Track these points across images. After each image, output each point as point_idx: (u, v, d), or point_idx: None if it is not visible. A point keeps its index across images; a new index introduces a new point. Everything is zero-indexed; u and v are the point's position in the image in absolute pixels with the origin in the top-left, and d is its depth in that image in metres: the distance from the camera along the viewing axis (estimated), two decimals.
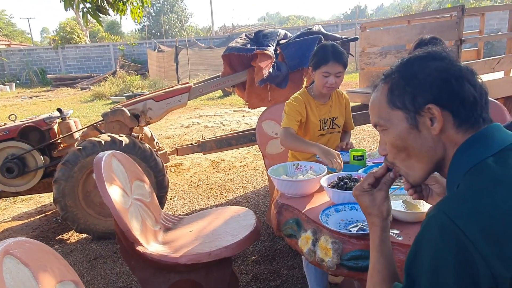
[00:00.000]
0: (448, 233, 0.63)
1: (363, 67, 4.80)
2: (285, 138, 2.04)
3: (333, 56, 1.98)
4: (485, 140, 0.73)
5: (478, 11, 4.39)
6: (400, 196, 1.38)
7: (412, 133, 0.81)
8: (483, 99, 0.76)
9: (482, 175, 0.70)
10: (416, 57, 0.82)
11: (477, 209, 0.64)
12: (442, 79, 0.76)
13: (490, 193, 0.65)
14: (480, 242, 0.60)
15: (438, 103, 0.76)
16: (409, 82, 0.79)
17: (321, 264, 1.28)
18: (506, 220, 0.61)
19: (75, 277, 1.21)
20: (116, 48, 19.87)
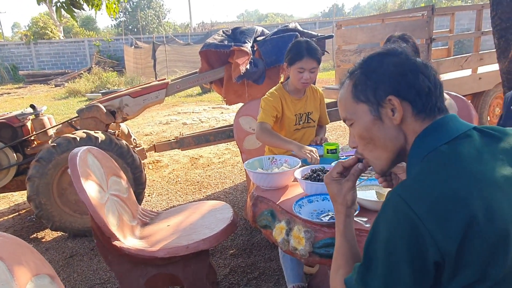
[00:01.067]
0: (401, 212, 0.70)
1: (339, 64, 4.90)
2: (261, 133, 2.08)
3: (307, 52, 2.04)
4: (440, 129, 0.80)
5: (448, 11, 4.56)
6: (372, 187, 1.44)
7: (376, 124, 0.87)
8: (437, 90, 0.82)
9: (434, 161, 0.76)
10: (375, 54, 0.88)
11: (425, 191, 0.70)
12: (398, 72, 0.82)
13: (438, 177, 0.72)
14: (427, 220, 0.67)
15: (397, 94, 0.82)
16: (370, 77, 0.85)
17: (295, 253, 1.33)
18: (449, 200, 0.68)
19: (50, 271, 1.21)
20: (91, 44, 19.40)
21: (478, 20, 4.13)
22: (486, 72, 4.31)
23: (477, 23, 4.16)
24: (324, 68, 14.24)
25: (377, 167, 0.95)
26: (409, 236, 0.68)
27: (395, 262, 0.70)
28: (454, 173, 0.71)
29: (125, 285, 1.83)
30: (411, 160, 0.83)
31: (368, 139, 0.90)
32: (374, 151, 0.91)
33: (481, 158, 0.72)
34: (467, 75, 4.25)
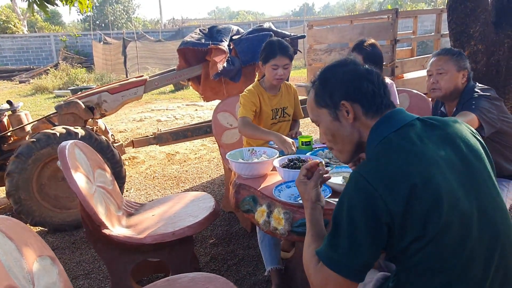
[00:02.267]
0: (360, 184, 0.89)
1: (311, 63, 5.11)
2: (243, 127, 2.22)
3: (280, 50, 2.22)
4: (388, 121, 0.99)
5: (411, 14, 4.86)
6: (341, 173, 1.62)
7: (335, 124, 1.07)
8: (381, 90, 1.02)
9: (384, 146, 0.96)
10: (329, 65, 1.09)
11: (378, 168, 0.90)
12: (347, 80, 1.03)
13: (387, 157, 0.92)
14: (380, 188, 0.86)
15: (348, 98, 1.03)
16: (325, 85, 1.06)
17: (275, 232, 1.49)
18: (396, 173, 0.87)
19: (51, 253, 1.31)
20: (57, 39, 18.77)
21: (438, 23, 4.45)
22: None
23: (437, 25, 4.48)
24: (296, 66, 14.53)
25: (341, 158, 1.15)
26: (366, 202, 0.87)
27: (356, 225, 0.88)
28: (399, 153, 0.90)
29: (113, 271, 1.92)
30: (368, 148, 1.03)
31: (331, 136, 1.10)
32: (337, 145, 1.11)
33: (421, 142, 0.92)
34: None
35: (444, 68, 1.95)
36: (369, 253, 0.88)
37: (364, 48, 2.29)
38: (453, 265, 0.86)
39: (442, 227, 0.84)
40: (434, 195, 0.84)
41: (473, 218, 0.87)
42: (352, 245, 0.89)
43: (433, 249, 0.86)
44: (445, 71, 1.95)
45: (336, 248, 0.92)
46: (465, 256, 0.86)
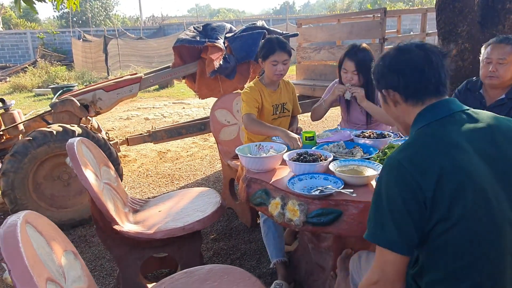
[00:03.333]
0: (395, 168, 0.98)
1: (300, 61, 5.19)
2: (250, 123, 2.27)
3: (279, 46, 2.28)
4: (432, 110, 1.08)
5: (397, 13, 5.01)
6: (351, 166, 1.69)
7: (385, 106, 1.22)
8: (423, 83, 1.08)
9: (421, 132, 1.05)
10: (383, 54, 1.18)
11: (412, 152, 1.00)
12: (387, 70, 1.13)
13: (421, 142, 1.02)
14: (413, 170, 0.95)
15: (387, 87, 1.13)
16: (374, 76, 1.20)
17: (289, 224, 1.54)
18: (426, 157, 0.96)
19: (73, 248, 1.32)
20: (34, 36, 18.22)
21: (423, 22, 4.60)
22: None
23: (422, 25, 4.62)
24: None
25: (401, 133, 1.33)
26: (401, 183, 0.95)
27: (395, 203, 0.95)
28: (432, 140, 1.00)
29: (124, 267, 1.93)
30: (411, 132, 1.12)
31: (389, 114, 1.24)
32: (395, 122, 1.25)
33: (457, 131, 1.00)
34: None
35: (506, 58, 2.02)
36: (413, 229, 0.95)
37: (355, 54, 2.34)
38: (474, 250, 0.93)
39: (467, 211, 0.91)
40: (461, 180, 0.92)
41: (501, 207, 0.94)
42: (396, 221, 0.96)
43: (456, 233, 0.93)
44: (507, 61, 2.03)
45: (382, 226, 0.98)
46: (487, 243, 0.93)
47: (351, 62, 2.35)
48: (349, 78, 2.37)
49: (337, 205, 1.47)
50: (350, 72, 2.35)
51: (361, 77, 2.36)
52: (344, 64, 2.38)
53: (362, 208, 1.43)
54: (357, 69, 2.33)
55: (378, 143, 1.99)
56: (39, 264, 0.96)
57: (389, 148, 1.81)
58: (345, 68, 2.38)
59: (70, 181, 3.01)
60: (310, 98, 4.46)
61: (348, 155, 1.89)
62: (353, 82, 2.36)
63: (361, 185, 1.56)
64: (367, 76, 2.32)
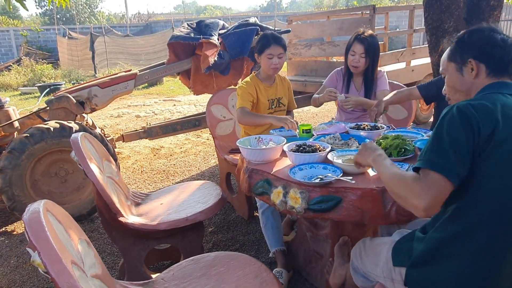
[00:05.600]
0: (462, 107, 1.11)
1: (291, 57, 5.26)
2: (242, 116, 2.34)
3: (274, 40, 2.36)
4: (504, 85, 1.21)
5: (386, 10, 5.13)
6: (349, 156, 1.77)
7: (458, 75, 1.29)
8: (509, 57, 1.21)
9: (486, 95, 1.19)
10: (469, 30, 1.28)
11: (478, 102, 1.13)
12: (480, 44, 1.24)
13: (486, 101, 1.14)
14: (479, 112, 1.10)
15: (477, 58, 1.24)
16: (460, 45, 1.28)
17: (291, 211, 1.61)
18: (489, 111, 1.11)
19: (86, 237, 1.37)
20: (17, 34, 17.87)
21: (410, 18, 4.72)
22: (418, 64, 4.95)
23: (410, 21, 4.75)
24: None
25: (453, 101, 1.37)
26: (466, 122, 1.08)
27: (455, 135, 1.08)
28: (496, 101, 1.14)
29: (128, 259, 1.98)
30: (477, 95, 1.24)
31: (451, 87, 1.34)
32: (455, 95, 1.34)
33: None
34: (402, 68, 4.84)
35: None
36: (468, 159, 1.08)
37: (365, 39, 2.44)
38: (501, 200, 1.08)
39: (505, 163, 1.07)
40: (506, 136, 1.08)
41: None
42: (455, 149, 1.08)
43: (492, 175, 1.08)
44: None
45: (440, 154, 1.09)
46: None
47: (361, 45, 2.46)
48: (356, 61, 2.49)
49: (337, 192, 1.55)
50: (358, 55, 2.47)
51: (367, 60, 2.48)
52: (353, 47, 2.48)
53: (361, 194, 1.51)
54: (366, 52, 2.45)
55: (372, 135, 2.08)
56: (63, 248, 1.01)
57: (383, 139, 1.89)
58: (353, 50, 2.48)
59: (67, 178, 3.03)
60: (302, 94, 4.54)
61: (344, 146, 1.97)
62: (359, 65, 2.49)
63: (358, 174, 1.65)
64: (373, 59, 2.50)
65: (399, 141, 1.81)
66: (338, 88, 2.69)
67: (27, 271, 2.48)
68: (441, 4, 3.09)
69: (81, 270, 1.07)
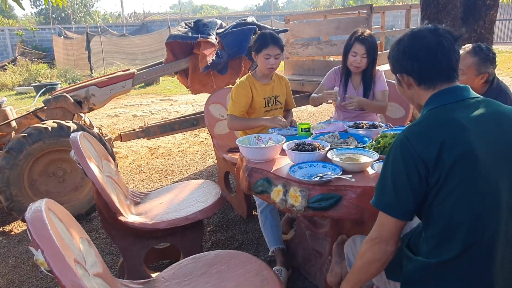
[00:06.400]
0: (401, 142, 1.10)
1: (288, 57, 5.26)
2: (232, 124, 2.45)
3: (272, 41, 2.37)
4: (444, 94, 1.15)
5: (382, 9, 5.14)
6: (347, 154, 1.78)
7: (400, 88, 1.30)
8: (443, 66, 1.15)
9: (430, 113, 1.15)
10: (394, 43, 1.25)
11: (418, 129, 1.11)
12: (401, 56, 1.20)
13: (428, 120, 1.12)
14: (416, 145, 1.06)
15: (404, 72, 1.22)
16: (390, 61, 1.28)
17: (291, 209, 1.62)
18: (430, 133, 1.07)
19: (87, 236, 1.37)
20: (12, 33, 17.76)
21: (407, 18, 4.74)
22: None
23: (406, 21, 4.76)
24: None
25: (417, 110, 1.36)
26: (405, 156, 1.07)
27: (398, 174, 1.08)
28: (439, 120, 1.10)
29: (128, 258, 1.98)
30: (422, 112, 1.21)
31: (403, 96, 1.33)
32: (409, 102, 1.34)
33: (463, 114, 1.09)
34: None
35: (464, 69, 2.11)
36: (411, 197, 1.08)
37: (366, 39, 2.45)
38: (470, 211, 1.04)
39: (464, 179, 1.02)
40: (459, 153, 1.02)
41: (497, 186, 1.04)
42: (396, 189, 1.09)
43: (454, 198, 1.04)
44: (464, 73, 2.12)
45: (383, 192, 1.12)
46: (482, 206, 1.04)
47: (362, 46, 2.46)
48: (358, 61, 2.49)
49: (336, 190, 1.56)
50: (360, 55, 2.47)
51: (368, 60, 2.50)
52: (354, 48, 2.48)
53: (360, 192, 1.52)
54: (367, 52, 2.46)
55: (371, 133, 2.09)
56: (66, 246, 1.01)
57: (382, 137, 1.91)
58: (355, 51, 2.48)
59: (65, 177, 3.02)
60: (299, 93, 4.54)
61: (343, 144, 1.98)
62: (361, 65, 2.50)
63: (358, 172, 1.66)
64: (373, 59, 2.52)
65: None
66: (338, 87, 2.70)
67: (25, 271, 2.47)
68: (438, 4, 3.11)
69: (83, 269, 1.07)
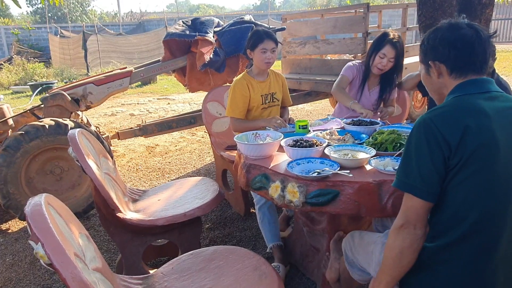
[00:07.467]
0: (425, 123, 1.11)
1: (285, 55, 5.28)
2: (235, 127, 2.50)
3: (266, 35, 2.39)
4: (471, 84, 1.18)
5: (379, 8, 5.17)
6: (346, 150, 1.79)
7: (426, 77, 1.30)
8: (472, 58, 1.17)
9: (455, 100, 1.17)
10: (430, 31, 1.27)
11: (442, 112, 1.12)
12: (438, 43, 1.22)
13: (452, 106, 1.14)
14: (440, 126, 1.08)
15: (437, 59, 1.22)
16: (422, 48, 1.29)
17: (289, 205, 1.63)
18: (454, 117, 1.09)
19: (85, 231, 1.37)
20: (8, 32, 17.66)
21: (403, 17, 4.76)
22: (411, 62, 4.98)
23: (403, 19, 4.78)
24: None
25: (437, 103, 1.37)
26: (429, 136, 1.08)
27: (422, 153, 1.09)
28: (464, 106, 1.13)
29: (126, 254, 1.99)
30: (446, 99, 1.23)
31: (426, 85, 1.34)
32: (431, 93, 1.35)
33: (488, 104, 1.12)
34: None
35: None
36: (435, 177, 1.09)
37: (397, 43, 2.43)
38: (480, 203, 1.06)
39: (482, 167, 1.04)
40: (481, 140, 1.05)
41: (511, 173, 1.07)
42: (420, 169, 1.09)
43: (469, 184, 1.06)
44: None
45: (408, 173, 1.12)
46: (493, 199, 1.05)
47: (393, 50, 2.44)
48: (384, 64, 2.47)
49: (334, 185, 1.57)
50: (388, 59, 2.46)
51: (393, 64, 2.49)
52: (385, 50, 2.44)
53: (358, 187, 1.53)
54: (395, 57, 2.45)
55: (368, 130, 2.11)
56: (66, 240, 1.01)
57: (379, 134, 1.92)
58: (384, 53, 2.44)
59: (62, 175, 3.02)
60: (297, 92, 4.57)
61: (340, 141, 1.99)
62: (385, 68, 2.49)
63: (355, 167, 1.67)
64: (398, 63, 2.50)
65: (395, 135, 1.83)
66: (354, 84, 2.70)
67: (23, 269, 2.46)
68: (434, 2, 3.13)
69: (83, 263, 1.08)
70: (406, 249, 1.11)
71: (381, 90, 2.68)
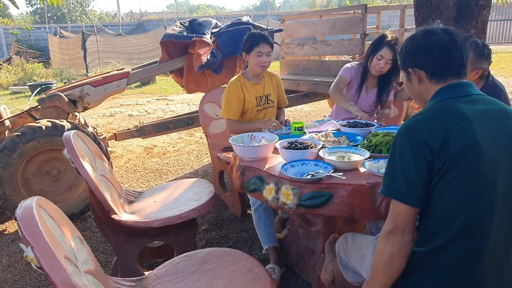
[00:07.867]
0: (408, 130, 1.13)
1: (283, 56, 5.28)
2: (231, 129, 2.50)
3: (262, 39, 2.39)
4: (451, 89, 1.19)
5: (377, 10, 5.17)
6: (338, 153, 1.80)
7: (408, 84, 1.32)
8: (449, 62, 1.19)
9: (436, 104, 1.18)
10: (407, 39, 1.28)
11: (424, 118, 1.14)
12: (415, 50, 1.23)
13: (433, 111, 1.16)
14: (423, 132, 1.09)
15: (416, 66, 1.24)
16: (401, 56, 1.31)
17: (283, 207, 1.63)
18: (435, 122, 1.11)
19: (79, 234, 1.37)
20: (7, 32, 17.67)
21: (402, 18, 4.76)
22: None
23: (401, 20, 4.78)
24: None
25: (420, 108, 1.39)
26: (413, 142, 1.10)
27: (406, 159, 1.10)
28: (445, 111, 1.14)
29: (121, 256, 1.99)
30: (428, 104, 1.24)
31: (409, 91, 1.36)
32: (416, 100, 1.36)
33: (469, 107, 1.13)
34: None
35: None
36: (420, 182, 1.09)
37: (395, 44, 2.44)
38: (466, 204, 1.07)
39: (465, 170, 1.05)
40: (463, 144, 1.06)
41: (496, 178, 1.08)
42: (405, 175, 1.10)
43: (454, 186, 1.07)
44: None
45: (394, 180, 1.13)
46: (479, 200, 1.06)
47: (391, 52, 2.45)
48: (381, 65, 2.48)
49: (328, 188, 1.57)
50: (385, 60, 2.47)
51: (390, 66, 2.50)
52: (383, 52, 2.45)
53: (351, 190, 1.53)
54: (393, 59, 2.46)
55: (363, 132, 2.11)
56: (56, 243, 1.01)
57: (374, 136, 1.92)
58: (382, 55, 2.46)
59: (59, 177, 3.02)
60: (295, 93, 4.56)
61: (335, 143, 1.99)
62: (383, 70, 2.50)
63: (349, 170, 1.67)
64: (396, 65, 2.50)
65: (389, 138, 1.84)
66: (352, 85, 2.71)
67: (19, 270, 2.47)
68: (430, 4, 3.13)
69: (74, 265, 1.08)
70: (395, 255, 1.12)
71: (379, 92, 2.69)
